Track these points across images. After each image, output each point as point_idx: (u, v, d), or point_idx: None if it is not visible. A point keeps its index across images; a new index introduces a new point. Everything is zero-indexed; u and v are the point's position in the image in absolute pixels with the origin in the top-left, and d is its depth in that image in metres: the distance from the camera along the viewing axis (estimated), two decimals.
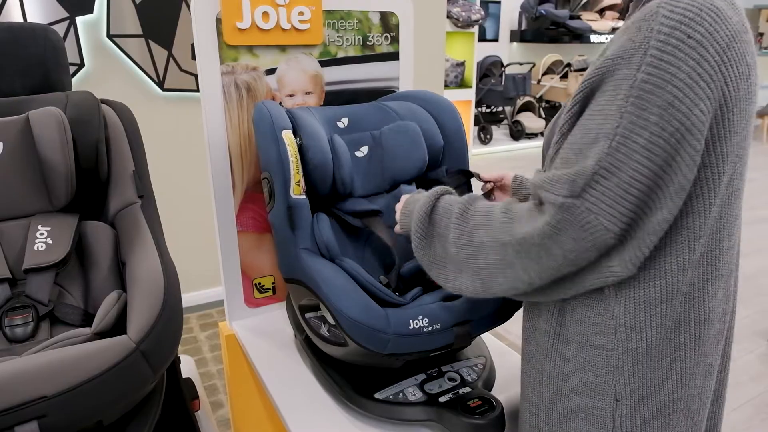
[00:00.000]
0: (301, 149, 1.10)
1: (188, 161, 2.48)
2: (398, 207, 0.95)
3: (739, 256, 0.83)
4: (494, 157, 6.52)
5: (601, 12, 7.31)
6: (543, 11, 6.83)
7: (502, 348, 1.29)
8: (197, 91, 2.48)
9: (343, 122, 1.24)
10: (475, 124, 6.74)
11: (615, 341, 0.75)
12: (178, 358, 1.25)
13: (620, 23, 7.20)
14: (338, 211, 1.15)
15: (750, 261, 3.58)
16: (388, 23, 1.42)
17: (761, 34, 11.10)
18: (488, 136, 6.74)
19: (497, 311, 1.00)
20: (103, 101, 1.03)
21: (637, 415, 0.78)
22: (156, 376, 0.76)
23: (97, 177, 0.95)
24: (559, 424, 0.82)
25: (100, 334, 0.77)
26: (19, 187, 0.90)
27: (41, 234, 0.87)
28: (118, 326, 0.81)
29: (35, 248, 0.86)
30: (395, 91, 1.46)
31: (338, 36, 1.36)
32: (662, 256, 0.72)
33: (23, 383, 0.67)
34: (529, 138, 7.15)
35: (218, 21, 1.22)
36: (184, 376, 1.24)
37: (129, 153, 0.97)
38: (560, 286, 0.74)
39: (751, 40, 0.69)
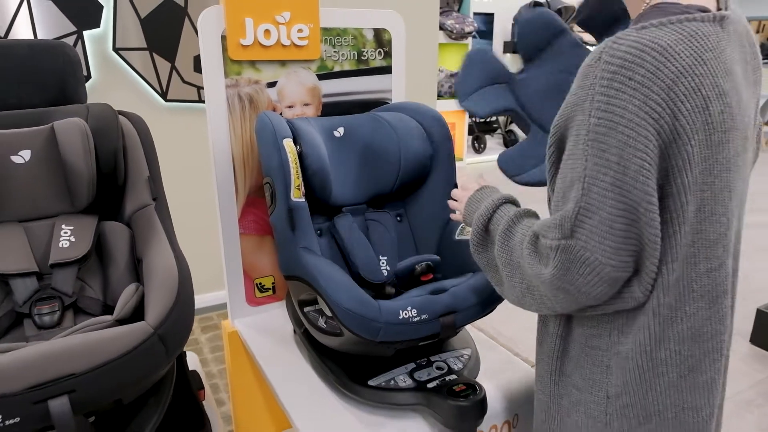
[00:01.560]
0: (300, 156, 1.20)
1: (190, 169, 2.57)
2: (460, 196, 1.01)
3: (735, 276, 0.85)
4: (488, 165, 6.64)
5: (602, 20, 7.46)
6: None
7: (489, 342, 1.38)
8: (199, 101, 2.58)
9: (339, 132, 1.33)
10: (469, 134, 6.86)
11: (609, 343, 0.82)
12: (185, 353, 1.33)
13: None
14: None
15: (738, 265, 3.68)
16: (381, 39, 1.52)
17: None
18: (482, 145, 6.85)
19: (480, 303, 1.09)
20: (120, 112, 1.13)
21: (624, 420, 0.83)
22: (171, 358, 0.84)
23: (115, 181, 1.04)
24: (565, 417, 0.90)
25: (121, 321, 0.86)
26: (45, 191, 0.99)
27: (65, 233, 0.96)
28: (136, 315, 0.89)
29: (60, 245, 0.95)
30: (388, 103, 1.56)
31: (334, 51, 1.46)
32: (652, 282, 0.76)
33: (55, 362, 0.75)
34: None
35: (223, 38, 1.31)
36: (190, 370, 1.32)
37: (144, 159, 1.06)
38: (586, 310, 0.80)
39: (711, 72, 0.70)
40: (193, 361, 1.50)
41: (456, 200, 1.04)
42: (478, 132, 6.89)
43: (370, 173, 1.32)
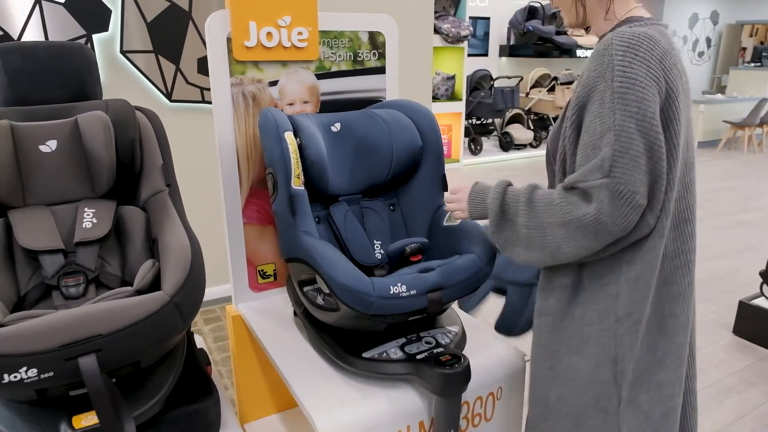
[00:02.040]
0: (300, 148, 1.30)
1: (194, 167, 2.68)
2: (457, 197, 1.15)
3: (695, 213, 1.09)
4: (484, 167, 6.75)
5: (587, 29, 7.58)
6: (530, 27, 7.11)
7: (476, 323, 1.48)
8: (202, 102, 2.68)
9: (336, 127, 1.44)
10: (466, 136, 6.97)
11: (619, 274, 1.02)
12: (192, 333, 1.43)
13: None
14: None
15: (724, 262, 3.79)
16: (376, 41, 1.63)
17: (744, 49, 11.44)
18: (478, 147, 6.97)
19: (465, 281, 1.19)
20: (136, 108, 1.23)
21: (632, 334, 1.02)
22: (185, 324, 0.95)
23: (132, 169, 1.14)
24: (573, 355, 1.07)
25: (140, 292, 0.96)
26: (69, 177, 1.10)
27: (87, 215, 1.06)
28: (153, 287, 1.00)
29: (83, 226, 1.05)
30: (382, 101, 1.66)
31: (332, 53, 1.57)
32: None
33: (84, 323, 0.86)
34: (518, 149, 7.38)
35: (229, 40, 1.42)
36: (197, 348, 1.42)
37: (158, 150, 1.17)
38: (611, 246, 0.98)
39: (677, 55, 0.99)
40: (199, 342, 1.60)
41: (452, 203, 1.17)
42: (475, 134, 7.01)
43: (365, 165, 1.42)
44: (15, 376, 0.81)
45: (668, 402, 1.07)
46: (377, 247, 1.40)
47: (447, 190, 1.43)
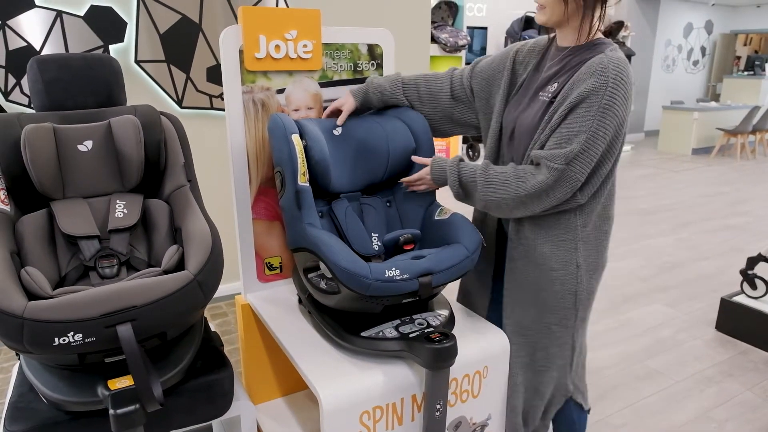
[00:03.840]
0: (306, 149, 1.45)
1: (204, 170, 2.82)
2: (421, 173, 1.51)
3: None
4: None
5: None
6: (527, 36, 7.28)
7: (466, 310, 1.62)
8: (211, 108, 2.83)
9: (338, 130, 1.58)
10: (464, 142, 7.13)
11: (574, 234, 1.38)
12: (207, 319, 1.57)
13: None
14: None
15: (711, 263, 3.93)
16: (374, 53, 1.78)
17: (738, 58, 11.62)
18: (476, 153, 7.12)
19: (453, 267, 1.33)
20: (160, 113, 1.38)
21: (589, 275, 1.43)
22: (206, 299, 1.09)
23: (158, 167, 1.29)
24: (542, 292, 1.43)
25: (167, 272, 1.10)
26: (103, 173, 1.24)
27: (119, 206, 1.21)
28: (177, 269, 1.14)
29: (116, 216, 1.20)
30: None
31: (334, 63, 1.72)
32: (598, 190, 1.35)
33: (121, 296, 1.00)
34: None
35: (240, 52, 1.57)
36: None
37: (180, 149, 1.31)
38: (548, 209, 1.34)
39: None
40: (212, 327, 1.74)
41: (419, 181, 1.52)
42: (473, 141, 7.16)
43: (364, 165, 1.57)
44: (64, 340, 0.95)
45: (591, 307, 1.51)
46: (375, 239, 1.55)
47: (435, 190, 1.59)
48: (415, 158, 1.55)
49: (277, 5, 2.86)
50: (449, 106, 1.58)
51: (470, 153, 7.12)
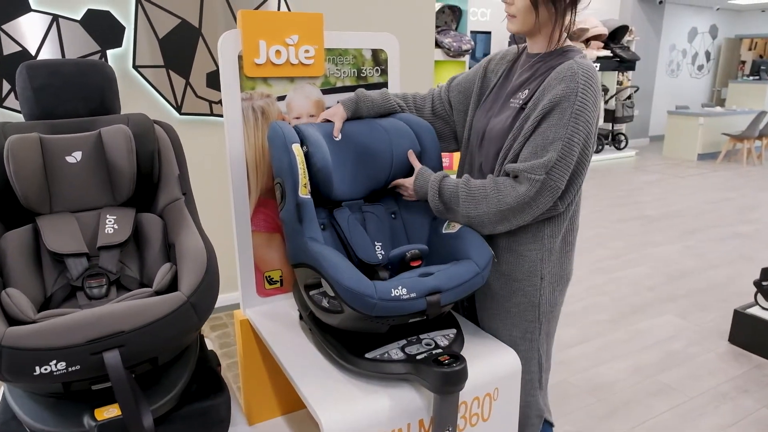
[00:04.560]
0: (307, 156, 1.38)
1: (202, 177, 2.76)
2: (407, 183, 1.47)
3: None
4: None
5: (587, 42, 7.71)
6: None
7: (474, 327, 1.55)
8: (211, 114, 2.77)
9: (338, 136, 1.51)
10: None
11: (541, 245, 1.35)
12: (203, 336, 1.50)
13: (605, 52, 7.59)
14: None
15: (720, 271, 3.85)
16: (379, 58, 1.71)
17: (743, 62, 11.56)
18: None
19: (461, 285, 1.26)
20: (154, 121, 1.31)
21: (551, 286, 1.40)
22: (201, 322, 1.02)
23: (151, 179, 1.22)
24: (504, 302, 1.42)
25: (159, 293, 1.03)
26: (92, 186, 1.17)
27: (109, 221, 1.14)
28: (170, 289, 1.07)
29: (105, 231, 1.13)
30: None
31: (337, 69, 1.65)
32: (564, 198, 1.31)
33: (109, 321, 0.93)
34: None
35: (240, 57, 1.50)
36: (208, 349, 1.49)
37: (175, 160, 1.25)
38: (532, 219, 1.32)
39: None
40: (209, 345, 1.67)
41: (403, 189, 1.49)
42: None
43: (366, 171, 1.50)
44: (45, 369, 0.88)
45: (557, 321, 1.49)
46: (378, 248, 1.48)
47: None
48: (410, 155, 1.51)
49: (279, 9, 2.80)
50: (431, 122, 1.59)
51: None
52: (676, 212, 5.44)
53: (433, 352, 1.26)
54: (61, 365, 0.89)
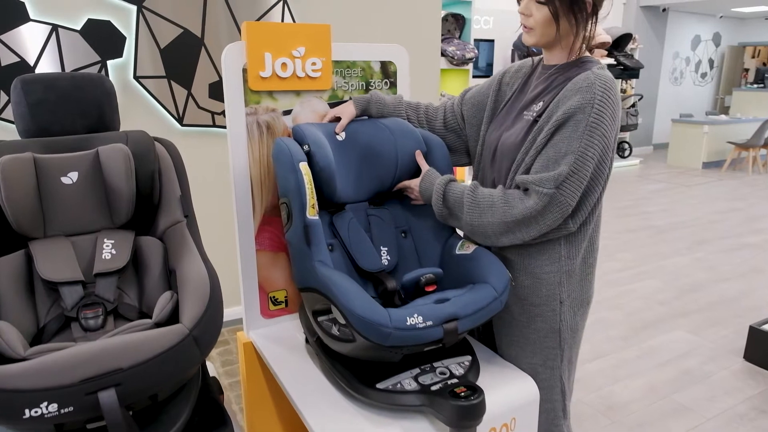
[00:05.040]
0: (309, 155, 1.32)
1: (205, 190, 2.70)
2: (413, 184, 1.41)
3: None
4: None
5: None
6: (535, 49, 7.17)
7: (488, 351, 1.48)
8: (213, 126, 2.71)
9: (341, 135, 1.45)
10: None
11: (558, 266, 1.28)
12: (205, 362, 1.43)
13: (609, 60, 7.55)
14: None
15: (732, 285, 3.77)
16: (388, 71, 1.65)
17: (746, 70, 11.51)
18: None
19: (479, 311, 1.19)
20: (154, 138, 1.25)
21: (572, 310, 1.32)
22: (203, 357, 0.95)
23: (151, 200, 1.15)
24: (523, 328, 1.35)
25: (159, 324, 0.97)
26: (89, 208, 1.11)
27: (107, 246, 1.07)
28: (171, 319, 1.00)
29: (102, 257, 1.06)
30: None
31: (345, 82, 1.59)
32: (586, 219, 1.26)
33: (105, 358, 0.86)
34: None
35: (244, 70, 1.44)
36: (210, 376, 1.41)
37: (176, 181, 1.18)
38: (536, 239, 1.25)
39: None
40: (211, 370, 1.60)
41: (412, 189, 1.42)
42: None
43: (370, 172, 1.44)
44: (36, 411, 0.81)
45: (579, 346, 1.41)
46: (384, 253, 1.42)
47: None
48: (418, 155, 1.45)
49: (282, 18, 2.74)
50: (442, 134, 1.54)
51: None
52: (684, 222, 5.37)
53: (449, 382, 1.19)
54: (53, 407, 0.82)
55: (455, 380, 1.20)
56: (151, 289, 1.10)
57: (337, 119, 1.49)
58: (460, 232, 1.47)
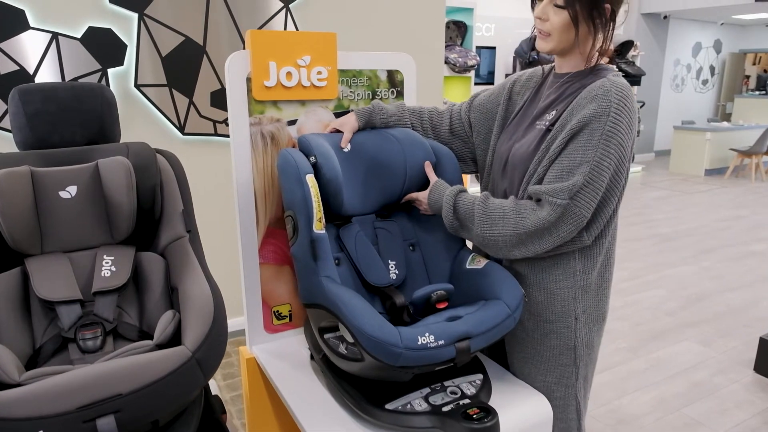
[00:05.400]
0: (315, 167, 1.28)
1: (207, 199, 2.66)
2: (422, 195, 1.37)
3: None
4: None
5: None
6: (536, 56, 7.15)
7: (499, 369, 1.43)
8: (215, 135, 2.68)
9: (347, 147, 1.41)
10: None
11: (573, 282, 1.24)
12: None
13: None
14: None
15: (739, 294, 3.72)
16: (394, 80, 1.62)
17: (747, 77, 11.51)
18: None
19: (492, 329, 1.15)
20: (156, 150, 1.21)
21: (587, 326, 1.28)
22: (206, 380, 0.91)
23: (152, 215, 1.11)
24: (538, 345, 1.30)
25: (160, 346, 0.92)
26: (88, 223, 1.07)
27: (106, 263, 1.03)
28: (173, 340, 0.96)
29: (102, 274, 1.02)
30: None
31: (351, 91, 1.55)
32: (602, 231, 1.22)
33: (104, 383, 0.82)
34: None
35: (248, 80, 1.41)
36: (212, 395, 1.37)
37: (179, 194, 1.14)
38: (549, 252, 1.21)
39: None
40: (213, 387, 1.56)
41: (421, 201, 1.38)
42: None
43: (378, 184, 1.40)
44: None
45: (595, 363, 1.37)
46: (392, 267, 1.38)
47: None
48: (427, 166, 1.42)
49: (285, 28, 2.72)
50: (448, 141, 1.50)
51: (477, 177, 6.96)
52: (689, 231, 5.33)
53: (461, 402, 1.15)
54: None
55: (467, 400, 1.16)
56: (153, 307, 1.06)
57: (339, 132, 1.45)
58: (469, 244, 1.43)
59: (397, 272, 1.38)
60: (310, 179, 1.24)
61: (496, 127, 1.40)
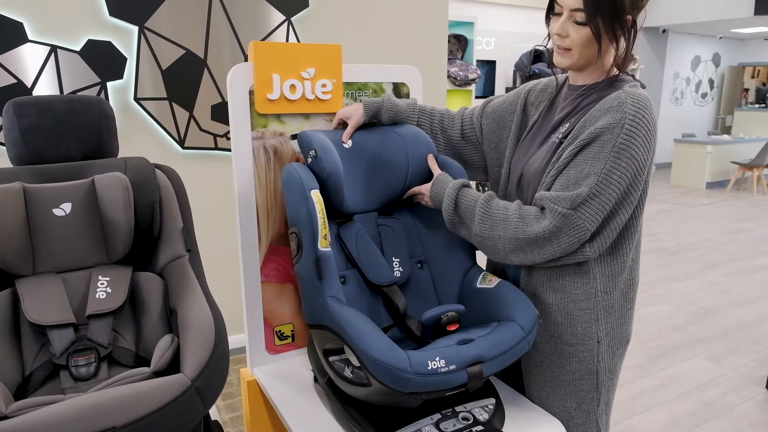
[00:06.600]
0: (315, 161, 1.24)
1: (207, 215, 2.61)
2: (426, 188, 1.32)
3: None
4: None
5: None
6: (536, 70, 7.16)
7: (511, 392, 1.38)
8: (215, 149, 2.64)
9: (349, 143, 1.37)
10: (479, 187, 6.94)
11: (594, 302, 1.18)
12: None
13: None
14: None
15: (748, 309, 3.67)
16: (400, 92, 1.58)
17: (746, 90, 11.54)
18: (485, 188, 6.93)
19: (506, 353, 1.10)
20: (155, 165, 1.16)
21: (610, 350, 1.22)
22: (206, 410, 0.85)
23: (150, 233, 1.06)
24: (557, 369, 1.24)
25: (158, 373, 0.87)
26: (83, 242, 1.02)
27: (101, 284, 0.98)
28: (171, 367, 0.90)
29: (96, 296, 0.97)
30: None
31: None
32: (620, 246, 1.17)
33: (97, 415, 0.76)
34: None
35: (251, 93, 1.37)
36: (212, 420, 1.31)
37: (178, 211, 1.09)
38: (551, 262, 1.16)
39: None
40: (212, 412, 1.49)
41: (423, 194, 1.34)
42: (483, 186, 6.98)
43: (380, 180, 1.36)
44: None
45: (616, 388, 1.33)
46: (396, 264, 1.34)
47: (475, 251, 1.37)
48: (430, 159, 1.37)
49: (287, 40, 2.69)
50: (459, 145, 1.46)
51: (479, 188, 6.93)
52: (693, 244, 5.28)
53: (473, 429, 1.10)
54: None
55: (480, 427, 1.10)
56: (150, 331, 1.00)
57: (342, 126, 1.41)
58: (481, 262, 1.38)
59: (401, 270, 1.33)
60: (316, 195, 1.20)
61: (511, 138, 1.35)
